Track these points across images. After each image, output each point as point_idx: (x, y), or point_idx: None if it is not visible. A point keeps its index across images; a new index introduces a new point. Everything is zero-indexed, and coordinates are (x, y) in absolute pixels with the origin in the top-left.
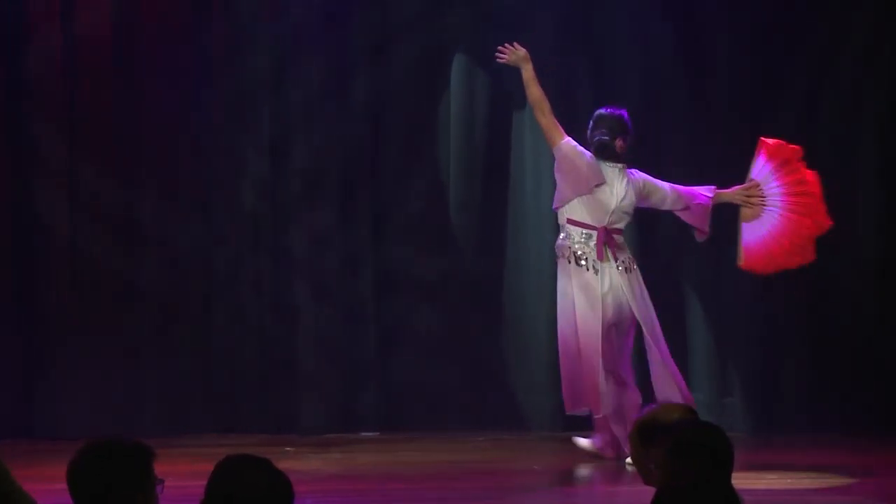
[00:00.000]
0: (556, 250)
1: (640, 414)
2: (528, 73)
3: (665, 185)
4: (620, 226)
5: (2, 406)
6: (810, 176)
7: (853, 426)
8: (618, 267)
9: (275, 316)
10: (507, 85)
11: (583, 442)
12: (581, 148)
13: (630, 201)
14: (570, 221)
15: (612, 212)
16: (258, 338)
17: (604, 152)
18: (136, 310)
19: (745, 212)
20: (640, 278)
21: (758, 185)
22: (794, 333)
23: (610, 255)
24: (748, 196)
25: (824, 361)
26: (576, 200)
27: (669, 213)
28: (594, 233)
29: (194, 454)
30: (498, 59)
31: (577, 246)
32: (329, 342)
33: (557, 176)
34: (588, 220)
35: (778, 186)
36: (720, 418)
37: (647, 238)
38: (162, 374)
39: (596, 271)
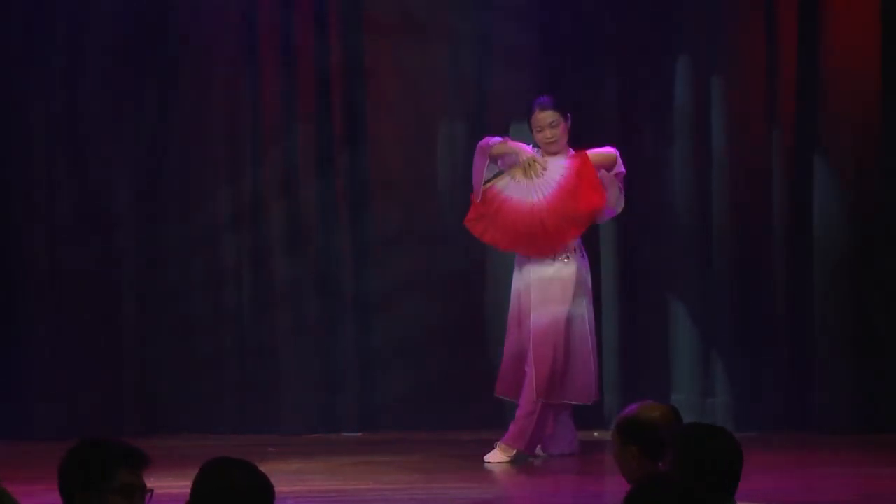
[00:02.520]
0: (578, 248)
1: (621, 411)
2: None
3: None
4: None
5: None
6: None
7: (834, 425)
8: None
9: (255, 316)
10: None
11: (499, 455)
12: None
13: None
14: None
15: None
16: (240, 338)
17: None
18: (117, 311)
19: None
20: None
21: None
22: (777, 333)
23: None
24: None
25: (807, 361)
26: None
27: (654, 211)
28: None
29: (176, 455)
30: None
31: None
32: (310, 343)
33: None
34: None
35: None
36: (702, 418)
37: (630, 236)
38: (142, 375)
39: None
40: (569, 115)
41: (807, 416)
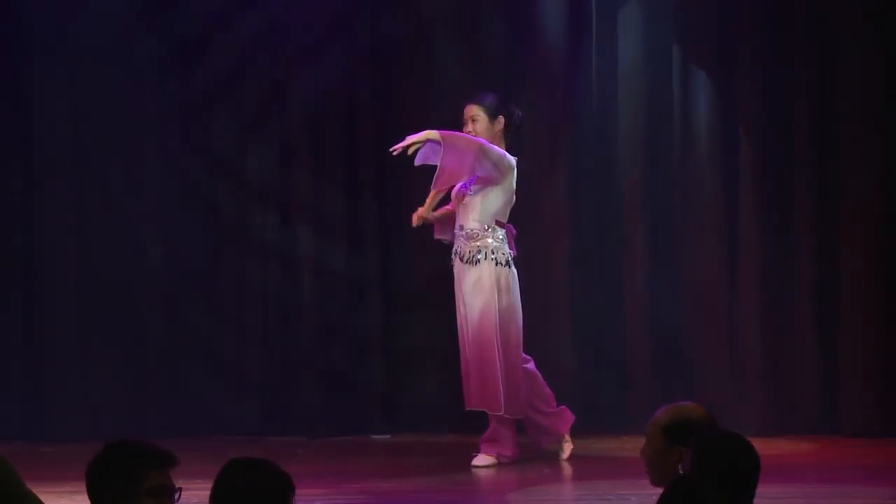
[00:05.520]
0: (490, 252)
1: (657, 413)
2: (437, 135)
3: None
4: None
5: (7, 408)
6: None
7: (860, 427)
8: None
9: (277, 319)
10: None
11: (484, 460)
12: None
13: None
14: (498, 223)
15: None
16: (263, 339)
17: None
18: (140, 313)
19: None
20: None
21: None
22: (802, 334)
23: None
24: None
25: (832, 363)
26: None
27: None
28: (505, 230)
29: (202, 457)
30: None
31: (504, 245)
32: (339, 344)
33: (494, 185)
34: (505, 219)
35: None
36: (729, 422)
37: (655, 237)
38: (167, 378)
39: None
40: (502, 117)
41: (835, 419)
